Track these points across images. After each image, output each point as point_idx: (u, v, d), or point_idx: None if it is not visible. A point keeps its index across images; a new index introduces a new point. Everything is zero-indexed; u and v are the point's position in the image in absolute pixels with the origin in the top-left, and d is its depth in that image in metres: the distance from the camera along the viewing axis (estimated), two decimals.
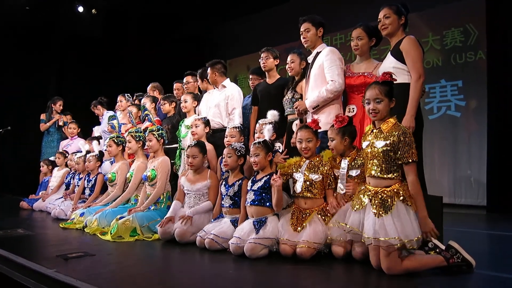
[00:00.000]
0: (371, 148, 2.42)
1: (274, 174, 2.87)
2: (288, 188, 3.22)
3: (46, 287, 2.28)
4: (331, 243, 2.68)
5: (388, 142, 2.34)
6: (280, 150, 3.41)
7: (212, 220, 3.24)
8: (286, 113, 3.74)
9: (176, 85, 5.30)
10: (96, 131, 6.31)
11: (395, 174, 2.36)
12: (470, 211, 5.91)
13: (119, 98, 5.76)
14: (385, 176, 2.37)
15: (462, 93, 6.35)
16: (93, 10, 9.01)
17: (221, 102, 4.24)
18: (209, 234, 2.98)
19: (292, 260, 2.66)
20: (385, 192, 2.34)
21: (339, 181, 2.82)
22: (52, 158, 6.11)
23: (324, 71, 3.23)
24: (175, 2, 8.56)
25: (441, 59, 6.57)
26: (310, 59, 3.41)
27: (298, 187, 2.94)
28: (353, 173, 2.77)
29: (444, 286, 2.27)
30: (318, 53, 3.33)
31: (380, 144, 2.38)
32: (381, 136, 2.39)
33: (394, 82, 2.46)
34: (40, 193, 5.85)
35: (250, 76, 4.66)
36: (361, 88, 3.19)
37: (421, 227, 2.27)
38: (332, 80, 3.17)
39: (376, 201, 2.32)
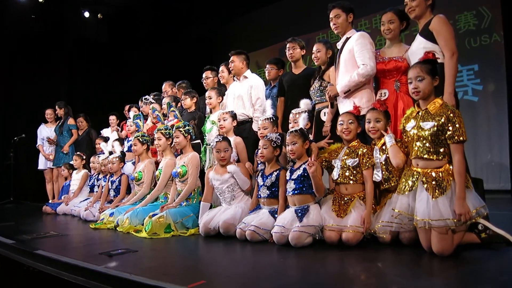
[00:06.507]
0: (418, 130, 2.38)
1: (309, 160, 2.84)
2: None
3: (98, 283, 2.25)
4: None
5: (436, 123, 2.31)
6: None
7: (250, 211, 3.22)
8: (313, 102, 3.70)
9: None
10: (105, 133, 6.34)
11: (444, 155, 2.33)
12: (494, 196, 5.82)
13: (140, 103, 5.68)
14: (434, 157, 2.34)
15: (479, 77, 6.29)
16: (99, 15, 9.02)
17: (243, 93, 4.19)
18: (249, 226, 2.96)
19: (338, 247, 2.63)
20: (439, 173, 2.30)
21: (375, 170, 2.80)
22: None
23: (355, 55, 3.19)
24: (176, 4, 8.64)
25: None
26: (339, 45, 3.38)
27: (335, 174, 2.92)
28: (382, 159, 2.77)
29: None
30: (348, 39, 3.29)
31: (428, 125, 2.34)
32: (429, 117, 2.35)
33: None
34: (63, 197, 5.83)
35: (267, 66, 4.51)
36: (393, 73, 3.16)
37: (456, 208, 2.19)
38: (363, 64, 3.13)
39: (430, 183, 2.29)
